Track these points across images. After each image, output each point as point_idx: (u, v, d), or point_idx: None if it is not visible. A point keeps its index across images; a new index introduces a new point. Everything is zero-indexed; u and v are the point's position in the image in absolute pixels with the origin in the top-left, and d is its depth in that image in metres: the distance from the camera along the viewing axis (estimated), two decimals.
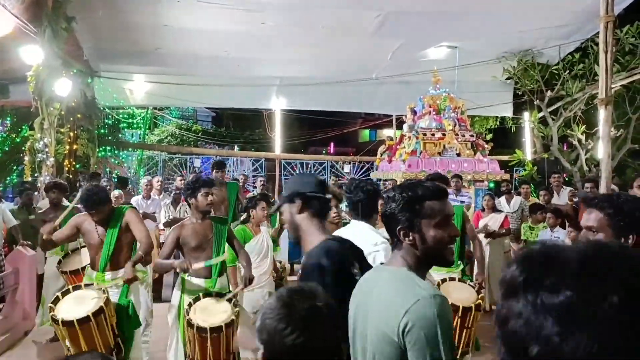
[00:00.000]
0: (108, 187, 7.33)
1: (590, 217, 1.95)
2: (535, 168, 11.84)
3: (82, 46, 9.92)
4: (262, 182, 9.34)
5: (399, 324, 1.49)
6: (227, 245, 4.38)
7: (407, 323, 1.48)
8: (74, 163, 9.55)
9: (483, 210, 7.18)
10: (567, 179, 11.55)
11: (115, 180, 9.56)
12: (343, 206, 4.66)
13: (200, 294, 3.99)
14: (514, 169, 13.31)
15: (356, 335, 1.72)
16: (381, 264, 1.85)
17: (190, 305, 3.86)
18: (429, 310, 1.48)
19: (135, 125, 17.19)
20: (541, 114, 11.27)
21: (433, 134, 9.53)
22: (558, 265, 0.69)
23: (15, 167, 11.73)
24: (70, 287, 3.95)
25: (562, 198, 8.01)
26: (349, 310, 1.77)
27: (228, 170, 12.92)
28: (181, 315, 4.05)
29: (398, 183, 1.88)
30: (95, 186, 4.49)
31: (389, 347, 1.54)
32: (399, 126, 12.77)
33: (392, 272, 1.69)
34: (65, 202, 6.55)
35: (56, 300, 3.74)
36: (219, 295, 4.05)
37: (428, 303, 1.49)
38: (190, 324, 3.68)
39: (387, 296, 1.61)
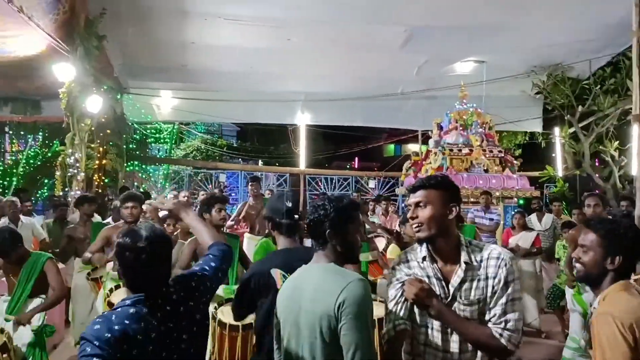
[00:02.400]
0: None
1: (585, 237, 2.16)
2: (567, 185, 11.56)
3: (112, 63, 10.13)
4: None
5: (336, 300, 1.88)
6: None
7: (343, 300, 1.87)
8: (103, 178, 9.69)
9: (513, 228, 7.00)
10: (601, 196, 11.22)
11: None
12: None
13: (224, 299, 4.11)
14: (545, 185, 13.02)
15: (287, 323, 2.06)
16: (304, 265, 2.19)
17: (215, 309, 3.97)
18: (359, 290, 1.90)
19: (162, 140, 17.44)
20: (572, 130, 11.03)
21: (460, 150, 9.39)
22: None
23: (46, 181, 11.98)
24: None
25: None
26: (277, 306, 2.13)
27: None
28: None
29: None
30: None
31: (326, 323, 1.90)
32: (425, 141, 12.65)
33: (322, 267, 2.07)
34: (96, 216, 6.64)
35: None
36: None
37: (358, 284, 1.91)
38: (221, 323, 3.77)
39: (323, 284, 1.97)
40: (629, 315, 1.90)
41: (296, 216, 2.83)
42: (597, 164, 12.01)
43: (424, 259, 2.12)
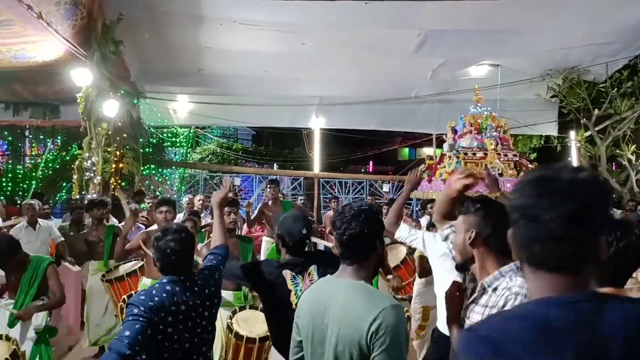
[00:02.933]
0: (150, 204, 7.54)
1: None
2: None
3: (129, 68, 10.28)
4: (302, 201, 9.36)
5: (369, 329, 1.74)
6: None
7: (377, 327, 1.73)
8: (119, 181, 9.84)
9: None
10: (616, 200, 11.09)
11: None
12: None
13: (237, 307, 4.19)
14: None
15: (314, 342, 1.92)
16: (326, 275, 2.08)
17: (230, 318, 4.03)
18: (394, 318, 1.76)
19: (178, 144, 17.61)
20: (588, 133, 10.90)
21: (474, 154, 9.30)
22: None
23: (64, 184, 12.18)
24: None
25: None
26: (298, 317, 2.02)
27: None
28: (222, 327, 4.17)
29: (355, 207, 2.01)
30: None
31: (356, 351, 1.77)
32: (439, 145, 12.59)
33: (352, 285, 1.90)
34: (112, 219, 6.74)
35: None
36: (252, 307, 4.27)
37: (393, 311, 1.77)
38: (238, 335, 3.85)
39: (354, 306, 1.82)
40: None
41: (307, 241, 2.96)
42: (613, 168, 11.85)
43: None
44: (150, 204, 7.63)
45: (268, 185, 7.54)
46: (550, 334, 1.09)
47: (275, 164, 21.74)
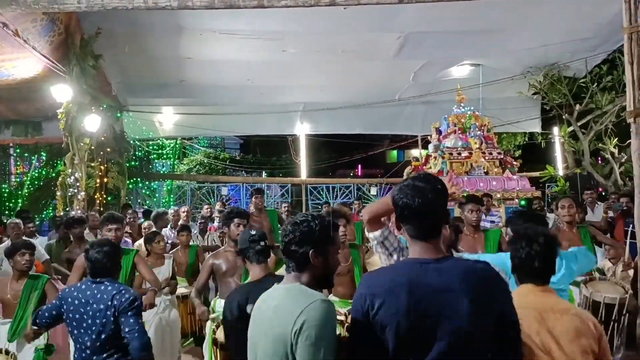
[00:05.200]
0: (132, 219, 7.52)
1: None
2: (568, 183, 11.52)
3: (110, 82, 10.23)
4: (286, 208, 9.32)
5: (294, 323, 1.71)
6: None
7: (302, 323, 1.70)
8: (105, 196, 9.76)
9: None
10: (602, 193, 11.19)
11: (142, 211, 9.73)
12: None
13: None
14: (546, 185, 12.97)
15: (252, 347, 1.93)
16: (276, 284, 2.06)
17: (217, 327, 3.93)
18: (320, 312, 1.73)
19: (165, 156, 17.54)
20: (571, 128, 11.00)
21: (459, 153, 9.37)
22: None
23: (50, 202, 12.06)
24: None
25: (596, 214, 7.74)
26: (249, 331, 1.99)
27: None
28: (210, 344, 4.13)
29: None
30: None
31: (282, 349, 1.74)
32: (425, 146, 12.65)
33: (287, 288, 1.93)
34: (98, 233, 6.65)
35: None
36: None
37: (319, 306, 1.74)
38: (222, 346, 3.75)
39: (283, 305, 1.83)
40: None
41: (262, 243, 3.10)
42: (598, 161, 11.97)
43: None
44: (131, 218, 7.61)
45: (254, 196, 7.50)
46: (396, 285, 1.71)
47: (263, 172, 21.70)
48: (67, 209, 8.20)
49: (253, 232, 3.15)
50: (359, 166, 27.69)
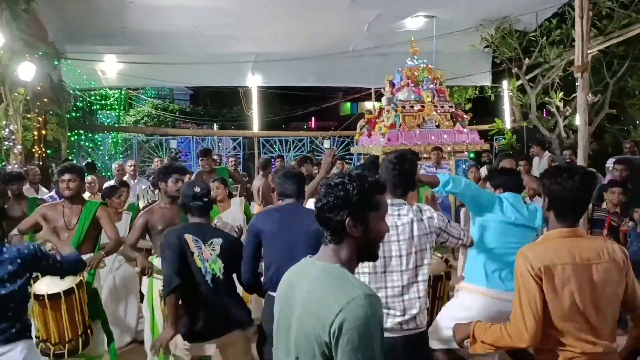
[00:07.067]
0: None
1: None
2: (515, 137, 11.83)
3: (46, 27, 9.54)
4: (232, 162, 9.14)
5: (332, 322, 1.47)
6: None
7: (340, 323, 1.46)
8: (44, 149, 9.27)
9: None
10: (547, 145, 11.58)
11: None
12: None
13: None
14: (494, 138, 13.30)
15: (280, 331, 1.70)
16: (310, 257, 1.75)
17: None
18: (363, 311, 1.47)
19: (109, 107, 16.78)
20: (519, 82, 11.21)
21: (412, 106, 9.38)
22: None
23: None
24: None
25: (542, 165, 7.98)
26: (275, 304, 1.77)
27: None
28: (151, 300, 4.05)
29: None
30: None
31: (317, 347, 1.51)
32: (378, 99, 12.62)
33: (325, 268, 1.63)
34: (42, 189, 6.34)
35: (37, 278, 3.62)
36: None
37: (362, 304, 1.48)
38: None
39: (319, 293, 1.57)
40: (538, 261, 2.03)
41: (205, 199, 3.31)
42: (544, 115, 12.32)
43: None
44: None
45: (200, 159, 7.31)
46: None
47: (214, 124, 21.22)
48: (3, 163, 7.75)
49: (197, 189, 3.30)
50: (313, 119, 27.54)
